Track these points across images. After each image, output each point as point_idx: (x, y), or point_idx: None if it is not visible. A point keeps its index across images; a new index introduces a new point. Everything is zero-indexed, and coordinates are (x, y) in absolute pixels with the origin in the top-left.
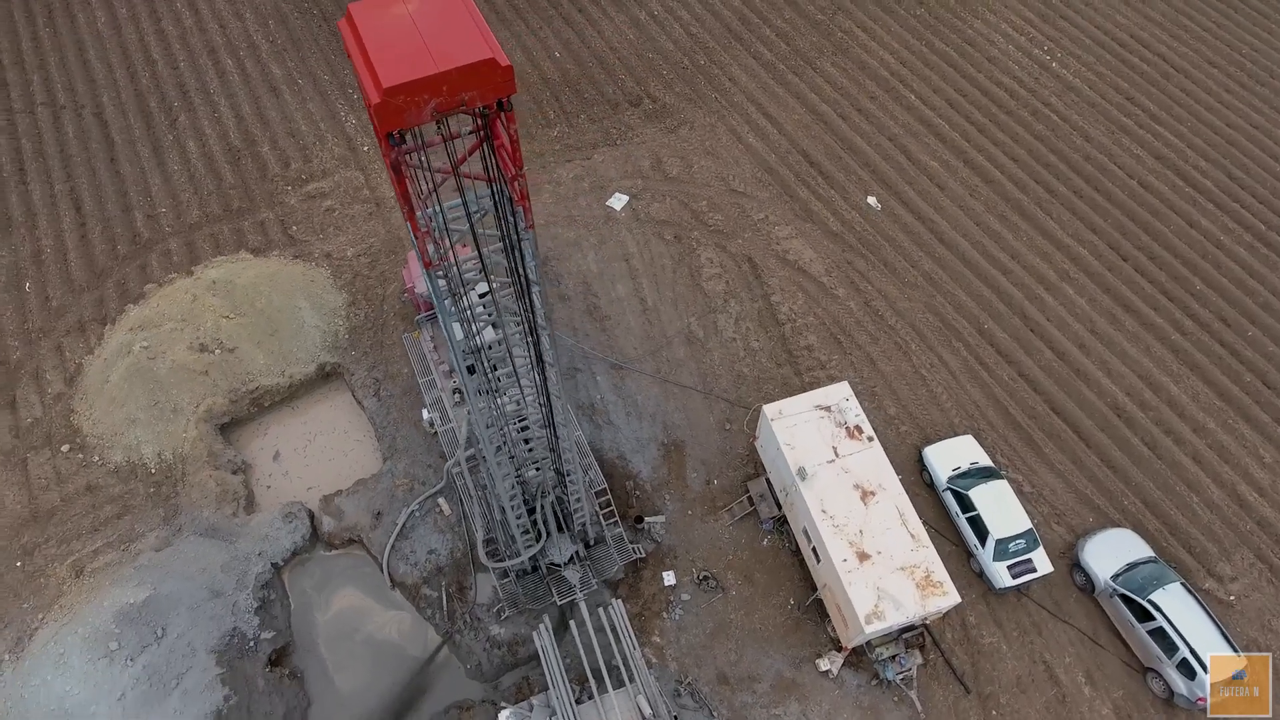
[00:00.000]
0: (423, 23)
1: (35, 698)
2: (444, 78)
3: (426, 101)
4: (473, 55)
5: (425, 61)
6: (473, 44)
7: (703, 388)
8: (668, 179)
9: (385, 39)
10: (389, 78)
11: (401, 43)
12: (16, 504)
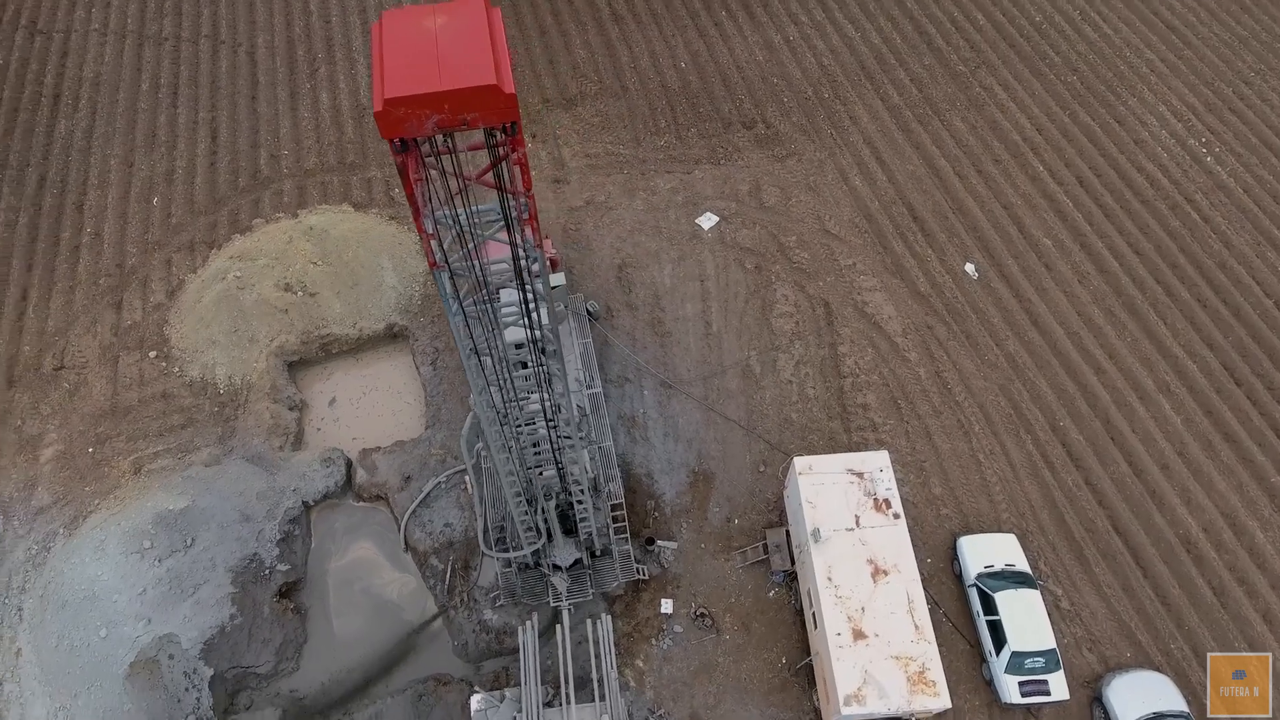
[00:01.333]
0: (443, 39)
1: (72, 575)
2: (445, 96)
3: (427, 116)
4: (477, 79)
5: (431, 78)
6: (481, 67)
7: (747, 424)
8: (762, 207)
9: (402, 49)
10: (392, 89)
11: (416, 56)
12: (101, 396)
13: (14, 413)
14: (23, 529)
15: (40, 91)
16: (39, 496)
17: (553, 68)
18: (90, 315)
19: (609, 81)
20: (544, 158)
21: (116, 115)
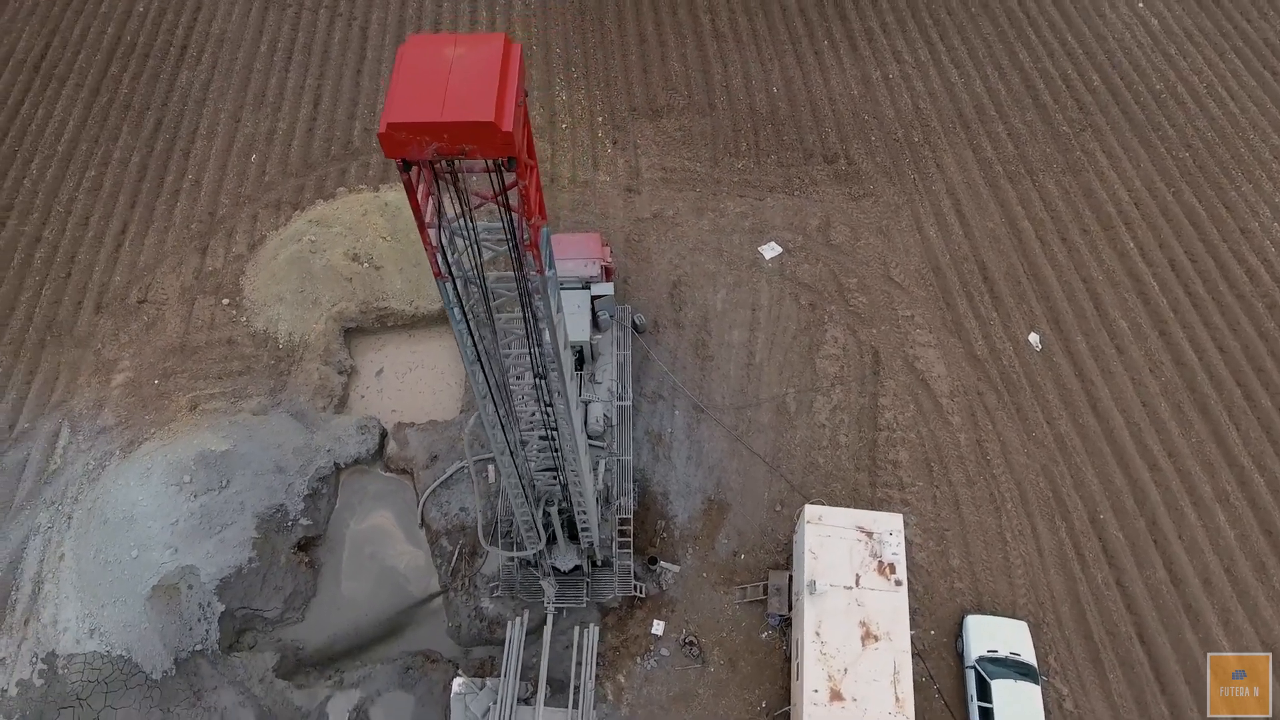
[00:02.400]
0: (456, 70)
1: (118, 495)
2: (445, 127)
3: (427, 143)
4: (476, 114)
5: (434, 108)
6: (483, 103)
7: (772, 461)
8: (829, 244)
9: (416, 76)
10: (395, 114)
11: (426, 84)
12: (174, 333)
13: (96, 337)
14: (85, 444)
15: (171, 42)
16: (104, 417)
17: (645, 77)
18: (177, 256)
19: (698, 98)
20: (620, 165)
21: (234, 72)
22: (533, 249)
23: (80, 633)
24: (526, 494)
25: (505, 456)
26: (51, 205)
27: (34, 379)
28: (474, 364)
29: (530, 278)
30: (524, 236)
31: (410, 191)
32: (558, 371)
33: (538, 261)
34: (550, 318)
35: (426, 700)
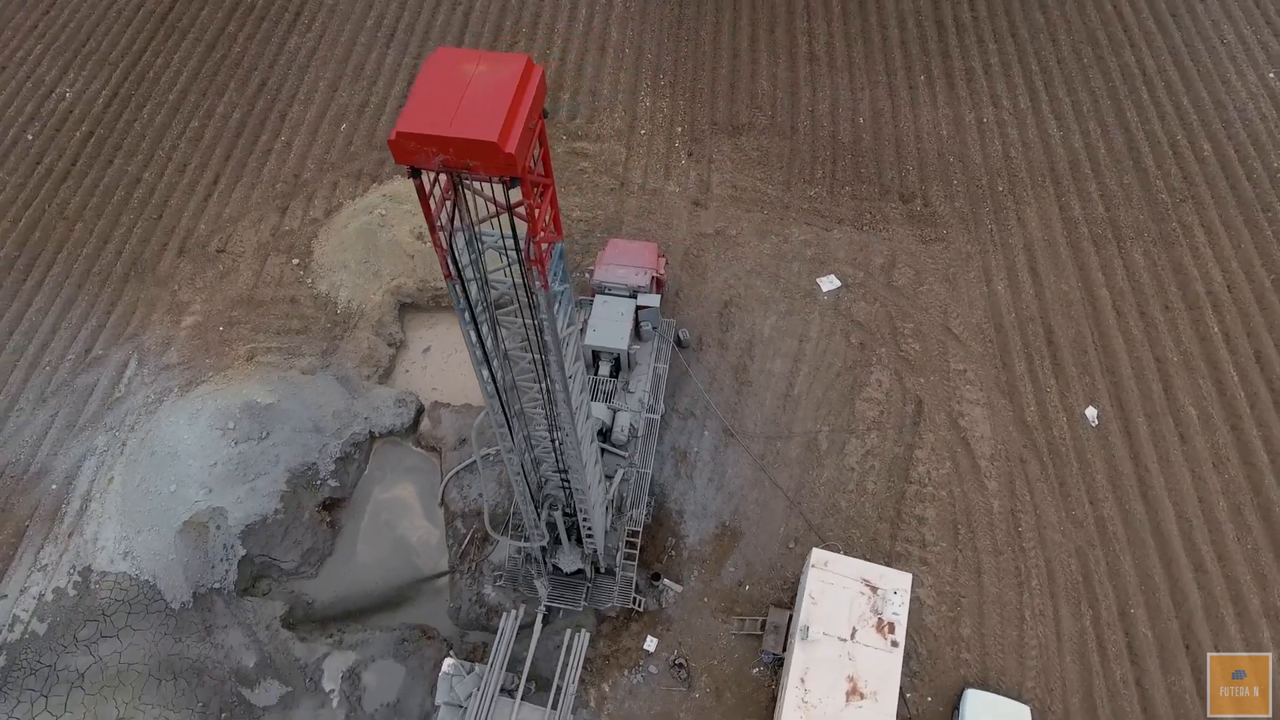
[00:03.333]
0: (473, 87)
1: (167, 431)
2: (450, 142)
3: (434, 154)
4: (481, 133)
5: (443, 122)
6: (490, 123)
7: (793, 497)
8: (890, 285)
9: (434, 87)
10: (406, 124)
11: (441, 97)
12: (244, 285)
13: (175, 279)
14: (149, 378)
15: (286, 7)
16: (169, 355)
17: (731, 92)
18: (259, 213)
19: (781, 120)
20: (692, 178)
21: (338, 43)
22: (538, 264)
23: (115, 553)
24: (532, 494)
25: (511, 455)
26: (155, 150)
27: (114, 310)
28: (480, 364)
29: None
30: (529, 252)
31: (422, 195)
32: (561, 383)
33: (542, 276)
34: (555, 332)
35: (416, 674)
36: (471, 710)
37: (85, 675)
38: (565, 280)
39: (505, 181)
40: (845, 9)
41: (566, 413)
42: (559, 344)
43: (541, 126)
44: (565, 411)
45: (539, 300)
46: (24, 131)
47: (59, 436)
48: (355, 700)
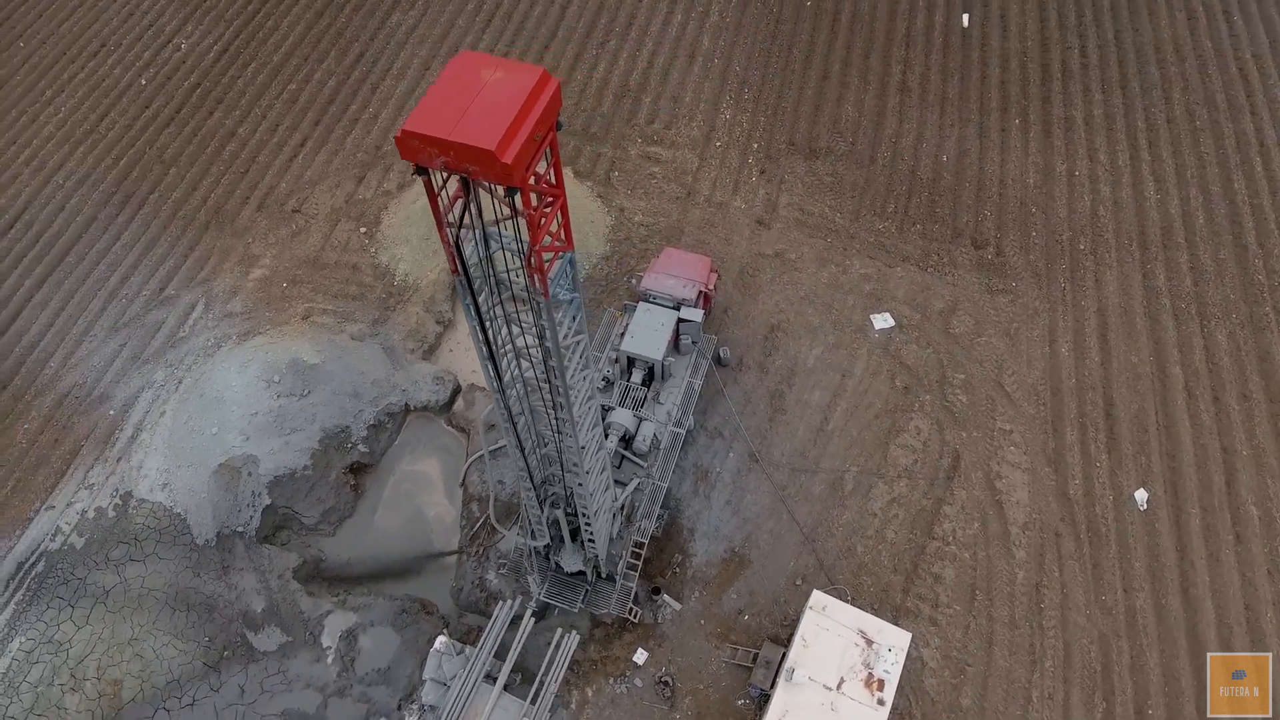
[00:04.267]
0: (485, 93)
1: (218, 376)
2: (450, 146)
3: (436, 155)
4: (480, 141)
5: (447, 125)
6: (492, 132)
7: (809, 534)
8: (946, 332)
9: (448, 89)
10: (413, 123)
11: (453, 100)
12: (312, 246)
13: (250, 232)
14: (212, 323)
15: None
16: (234, 303)
17: (815, 114)
18: (337, 179)
19: (861, 148)
20: (760, 196)
21: (437, 24)
22: (538, 272)
23: (155, 484)
24: (535, 489)
25: (516, 452)
26: (253, 107)
27: (191, 254)
28: (486, 360)
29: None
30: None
31: (430, 192)
32: (563, 388)
33: (542, 284)
34: (555, 340)
35: (410, 645)
36: (453, 691)
37: (110, 593)
38: (575, 290)
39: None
40: (948, 42)
41: (569, 417)
42: (559, 350)
43: (554, 139)
44: (567, 416)
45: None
46: (139, 76)
47: (123, 367)
48: (349, 660)
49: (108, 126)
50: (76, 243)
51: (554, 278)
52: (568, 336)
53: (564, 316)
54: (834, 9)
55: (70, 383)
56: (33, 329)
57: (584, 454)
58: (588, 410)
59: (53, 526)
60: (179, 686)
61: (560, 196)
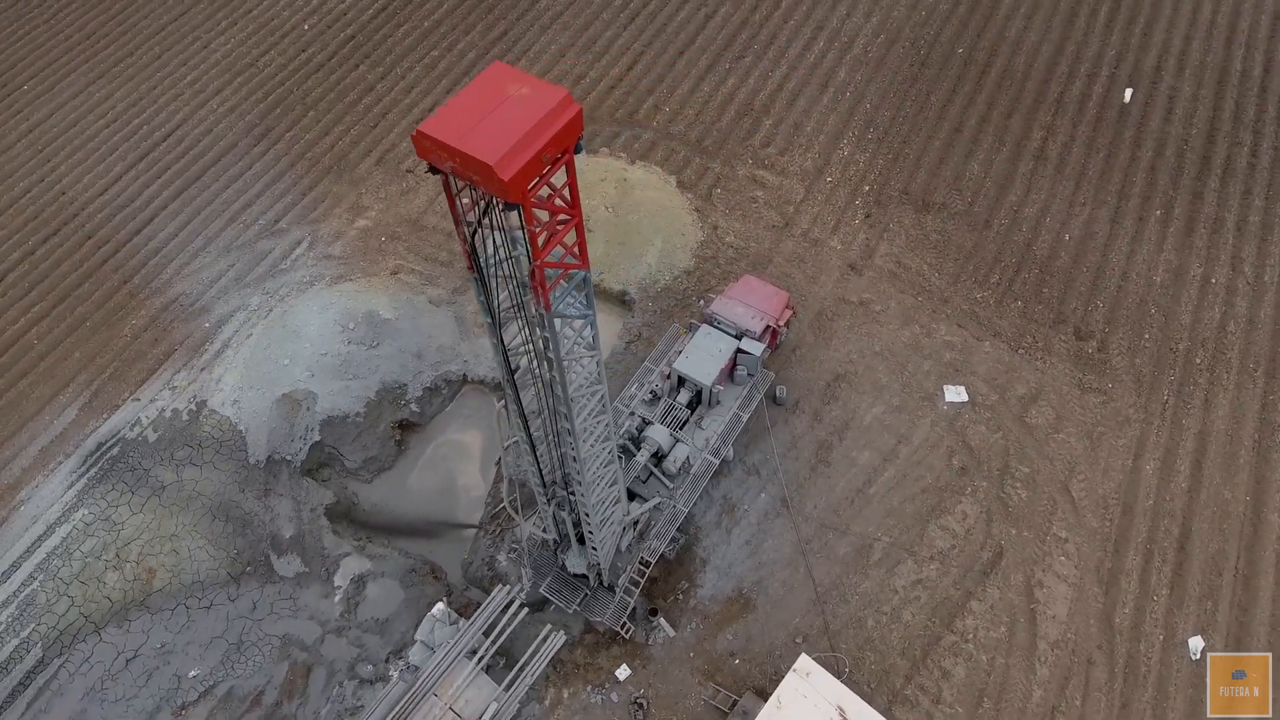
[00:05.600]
0: (505, 107)
1: (302, 312)
2: (456, 153)
3: (444, 159)
4: (483, 154)
5: (459, 133)
6: (497, 146)
7: (821, 595)
8: (1022, 421)
9: (473, 97)
10: (429, 126)
11: (472, 109)
12: (417, 207)
13: (365, 183)
14: (311, 262)
15: None
16: (335, 247)
17: (937, 166)
18: None
19: (978, 210)
20: (858, 240)
21: (583, 13)
22: (540, 286)
23: (228, 399)
24: (545, 489)
25: (526, 448)
26: (395, 66)
27: (308, 195)
28: (499, 353)
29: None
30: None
31: (447, 190)
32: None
33: (544, 298)
34: (558, 352)
35: (411, 605)
36: (437, 657)
37: (166, 489)
38: (589, 309)
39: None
40: (1101, 116)
41: (570, 428)
42: (561, 364)
43: (570, 161)
44: (569, 426)
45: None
46: (304, 21)
47: (226, 286)
48: (353, 604)
49: (266, 64)
50: (214, 165)
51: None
52: (574, 350)
53: (575, 333)
54: (985, 62)
55: (179, 291)
56: (159, 236)
57: (585, 465)
58: (597, 424)
59: (134, 417)
60: (202, 588)
61: (575, 217)
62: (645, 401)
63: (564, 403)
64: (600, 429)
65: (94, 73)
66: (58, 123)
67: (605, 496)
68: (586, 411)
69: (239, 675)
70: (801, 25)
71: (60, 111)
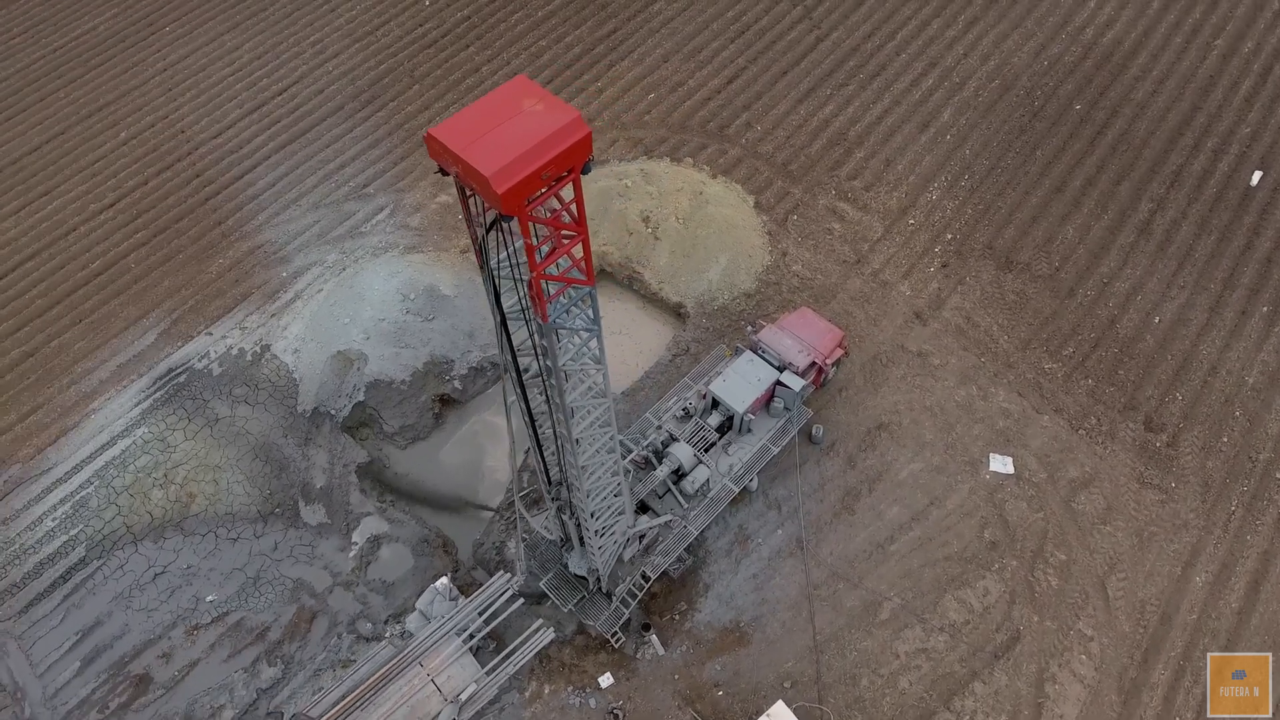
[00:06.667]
0: (515, 121)
1: (367, 275)
2: (458, 159)
3: (450, 163)
4: (481, 164)
5: (464, 141)
6: (496, 158)
7: (820, 643)
8: (1067, 505)
9: (489, 107)
10: (439, 130)
11: (487, 118)
12: None
13: None
14: (389, 229)
15: None
16: (414, 219)
17: (1029, 225)
18: None
19: (1064, 277)
20: (929, 289)
21: (693, 22)
22: (537, 296)
23: (289, 347)
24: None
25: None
26: (503, 51)
27: (398, 164)
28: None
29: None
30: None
31: (460, 191)
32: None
33: (541, 309)
34: (556, 363)
35: (416, 573)
36: (430, 629)
37: (219, 422)
38: (595, 323)
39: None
40: (1222, 196)
41: (567, 434)
42: (559, 374)
43: (577, 180)
44: (566, 433)
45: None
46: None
47: (308, 240)
48: (365, 562)
49: (384, 34)
50: (319, 124)
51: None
52: (579, 360)
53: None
54: (1103, 122)
55: (266, 238)
56: (258, 184)
57: (584, 475)
58: (600, 434)
59: (204, 350)
60: (232, 521)
61: (580, 235)
62: (677, 418)
63: (563, 410)
64: (604, 440)
65: (229, 23)
66: (189, 65)
67: (606, 507)
68: (588, 421)
69: (250, 608)
70: (914, 60)
71: (193, 55)
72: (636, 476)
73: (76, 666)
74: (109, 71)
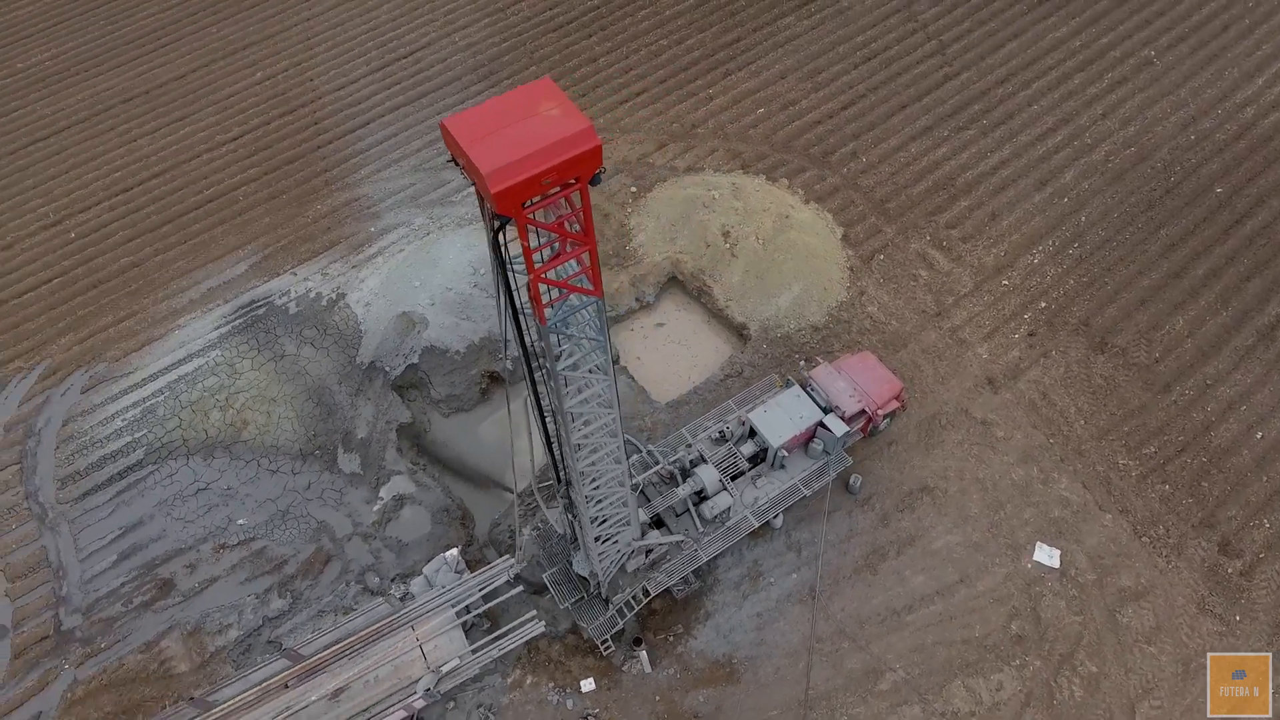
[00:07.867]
0: (527, 122)
1: (444, 245)
2: (464, 155)
3: (458, 156)
4: (482, 161)
5: (472, 136)
6: (498, 158)
7: (811, 697)
8: (1111, 614)
9: (507, 106)
10: (453, 123)
11: (500, 116)
12: None
13: None
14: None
15: None
16: None
17: (1135, 308)
18: (642, 134)
19: (1162, 370)
20: (1008, 356)
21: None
22: (535, 300)
23: (363, 299)
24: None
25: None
26: (624, 44)
27: None
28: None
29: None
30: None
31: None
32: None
33: (539, 312)
34: (553, 366)
35: (431, 540)
36: (427, 596)
37: (284, 359)
38: (601, 334)
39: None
40: None
41: (565, 437)
42: (559, 378)
43: (584, 191)
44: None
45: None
46: None
47: (401, 201)
48: (385, 519)
49: (513, 13)
50: (436, 91)
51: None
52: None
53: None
54: (1245, 210)
55: (362, 193)
56: (367, 140)
57: (583, 481)
58: (605, 442)
59: (286, 288)
60: (276, 453)
61: (586, 245)
62: (712, 439)
63: (562, 414)
64: (609, 448)
65: None
66: (329, 18)
67: (607, 515)
68: (591, 428)
69: (274, 539)
70: (1045, 113)
71: (336, 9)
72: (657, 490)
73: (113, 559)
74: (259, 15)
